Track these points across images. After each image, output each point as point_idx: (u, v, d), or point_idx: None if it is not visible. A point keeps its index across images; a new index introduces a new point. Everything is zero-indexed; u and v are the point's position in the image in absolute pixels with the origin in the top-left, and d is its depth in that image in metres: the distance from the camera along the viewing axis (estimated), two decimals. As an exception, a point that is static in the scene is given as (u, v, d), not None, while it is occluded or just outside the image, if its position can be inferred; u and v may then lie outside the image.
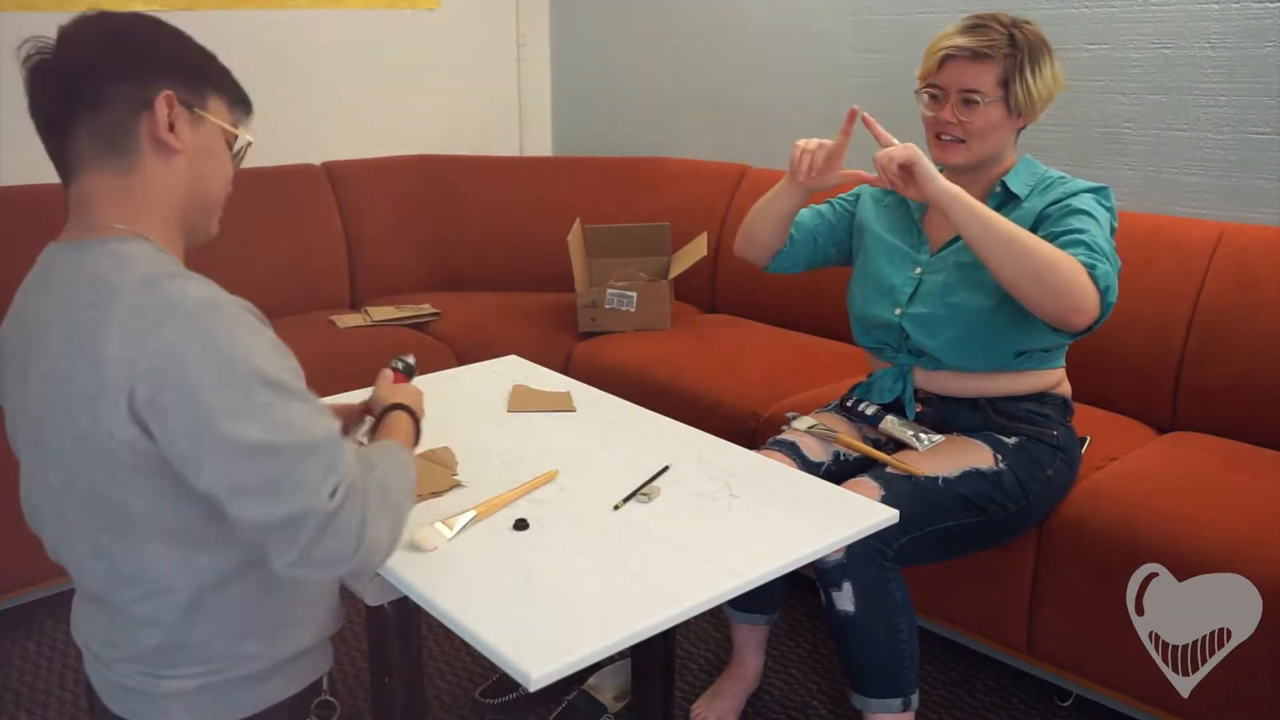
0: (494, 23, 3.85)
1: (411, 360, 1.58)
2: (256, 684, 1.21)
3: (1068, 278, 1.60)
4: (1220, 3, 2.37)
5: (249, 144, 1.24)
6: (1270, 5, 2.30)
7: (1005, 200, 1.86)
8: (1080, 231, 1.69)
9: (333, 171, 3.34)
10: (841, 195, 2.11)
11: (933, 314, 1.87)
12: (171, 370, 1.02)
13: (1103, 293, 1.63)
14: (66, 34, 1.12)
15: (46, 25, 1.14)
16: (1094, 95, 2.60)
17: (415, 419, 1.41)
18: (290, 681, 1.24)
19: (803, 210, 2.04)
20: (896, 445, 1.93)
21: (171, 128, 1.13)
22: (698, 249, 2.95)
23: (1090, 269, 1.62)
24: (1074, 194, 1.78)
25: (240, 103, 1.23)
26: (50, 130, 1.13)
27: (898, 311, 1.91)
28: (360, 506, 1.07)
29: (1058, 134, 2.66)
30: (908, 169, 1.70)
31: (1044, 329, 1.73)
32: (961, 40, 1.78)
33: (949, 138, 1.83)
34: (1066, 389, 1.97)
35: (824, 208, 2.10)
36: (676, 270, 3.01)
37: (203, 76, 1.18)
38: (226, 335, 1.04)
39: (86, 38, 1.12)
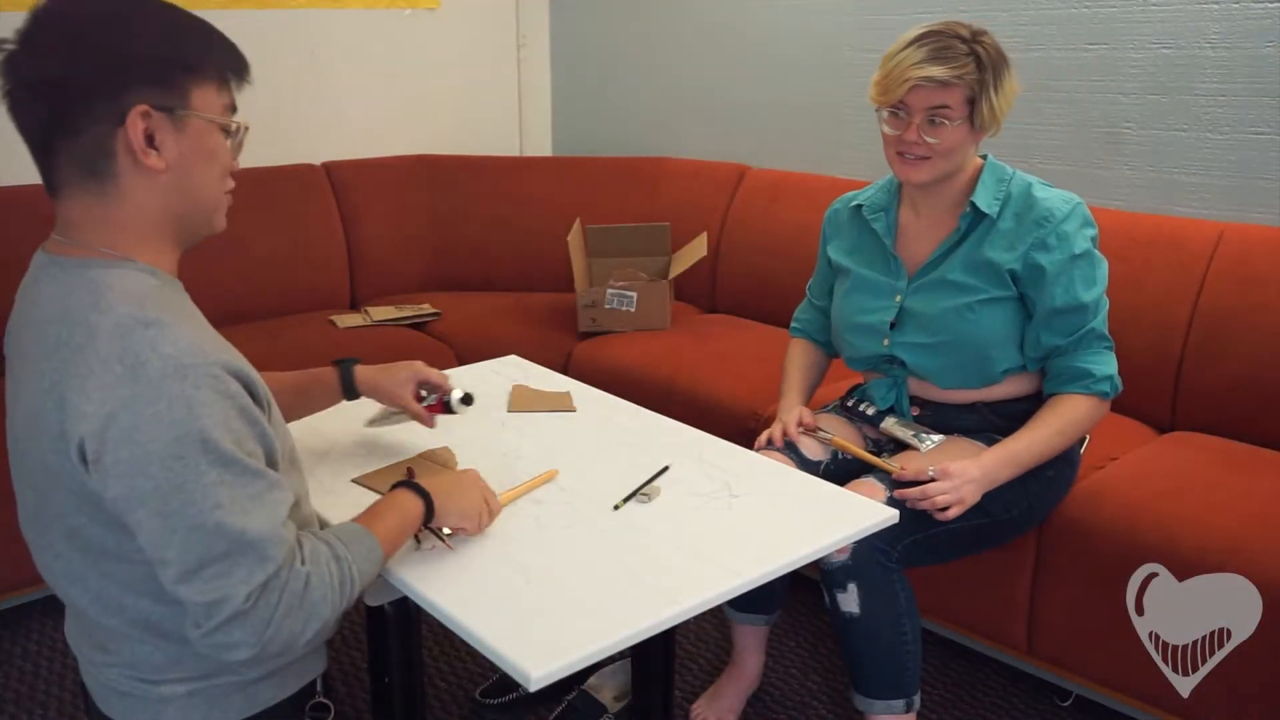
0: (494, 23, 3.84)
1: (454, 398, 1.59)
2: (249, 688, 1.21)
3: (1089, 424, 1.85)
4: (1220, 3, 2.37)
5: (246, 128, 1.13)
6: (1270, 5, 2.30)
7: (976, 222, 1.84)
8: (1085, 311, 1.78)
9: (333, 171, 3.34)
10: (816, 274, 2.14)
11: (922, 344, 1.87)
12: (120, 435, 0.99)
13: (1113, 400, 1.85)
14: (29, 41, 1.02)
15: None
16: (1094, 95, 2.59)
17: (429, 505, 1.28)
18: (283, 685, 1.24)
19: (806, 315, 2.16)
20: (898, 446, 1.93)
21: (153, 139, 1.05)
22: (698, 249, 2.95)
23: (1103, 396, 1.82)
24: (1058, 226, 1.76)
25: (232, 73, 1.11)
26: (32, 150, 1.07)
27: (886, 342, 1.91)
28: (273, 606, 1.04)
29: (1058, 134, 2.66)
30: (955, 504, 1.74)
31: (1032, 351, 1.82)
32: (931, 70, 1.71)
33: (912, 156, 1.80)
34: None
35: (814, 285, 2.14)
36: (676, 270, 3.00)
37: (180, 66, 1.06)
38: (184, 405, 0.99)
39: (51, 45, 1.02)
